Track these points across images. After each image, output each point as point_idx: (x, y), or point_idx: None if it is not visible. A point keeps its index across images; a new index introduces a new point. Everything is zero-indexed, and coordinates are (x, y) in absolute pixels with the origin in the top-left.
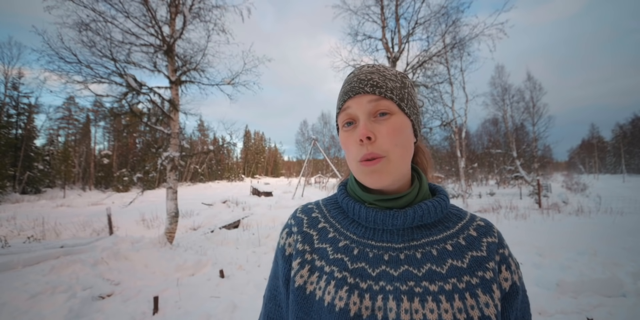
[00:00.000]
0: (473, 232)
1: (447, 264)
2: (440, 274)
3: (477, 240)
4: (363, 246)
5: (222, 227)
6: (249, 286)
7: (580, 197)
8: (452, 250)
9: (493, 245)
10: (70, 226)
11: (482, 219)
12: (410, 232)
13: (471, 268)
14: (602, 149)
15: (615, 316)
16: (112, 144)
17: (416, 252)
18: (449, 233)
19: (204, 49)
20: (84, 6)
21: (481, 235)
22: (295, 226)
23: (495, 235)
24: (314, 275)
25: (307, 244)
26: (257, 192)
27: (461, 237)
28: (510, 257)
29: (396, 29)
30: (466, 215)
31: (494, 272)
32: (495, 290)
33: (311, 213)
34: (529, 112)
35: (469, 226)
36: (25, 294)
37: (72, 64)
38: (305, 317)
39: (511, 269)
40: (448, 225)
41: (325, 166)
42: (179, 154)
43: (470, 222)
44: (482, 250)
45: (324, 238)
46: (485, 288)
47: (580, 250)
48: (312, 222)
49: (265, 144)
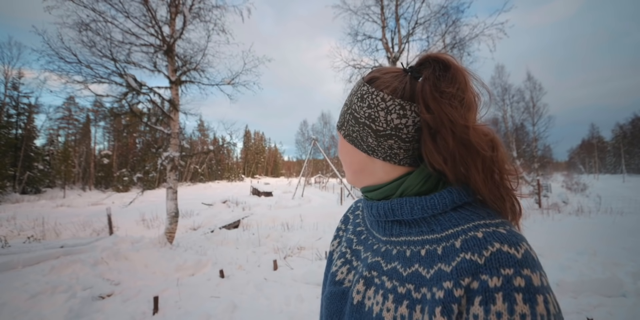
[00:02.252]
0: (458, 243)
1: (412, 268)
2: (401, 275)
3: (454, 252)
4: (369, 234)
5: (222, 227)
6: (249, 286)
7: (580, 197)
8: (424, 256)
9: (468, 264)
10: (70, 226)
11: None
12: (389, 227)
13: (432, 281)
14: (602, 149)
15: (615, 316)
16: (112, 144)
17: (394, 248)
18: (430, 237)
19: (204, 49)
20: (84, 6)
21: (463, 248)
22: (347, 211)
23: (483, 254)
24: (339, 247)
25: (344, 224)
26: (257, 192)
27: (441, 246)
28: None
29: (396, 29)
30: (469, 223)
31: (447, 294)
32: (439, 315)
33: (358, 202)
34: (529, 112)
35: (460, 235)
36: (25, 294)
37: (72, 64)
38: (327, 273)
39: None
40: (434, 229)
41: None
42: (179, 154)
43: (465, 231)
44: (450, 265)
45: (354, 222)
46: (430, 307)
47: (580, 250)
48: (354, 209)
49: (265, 144)
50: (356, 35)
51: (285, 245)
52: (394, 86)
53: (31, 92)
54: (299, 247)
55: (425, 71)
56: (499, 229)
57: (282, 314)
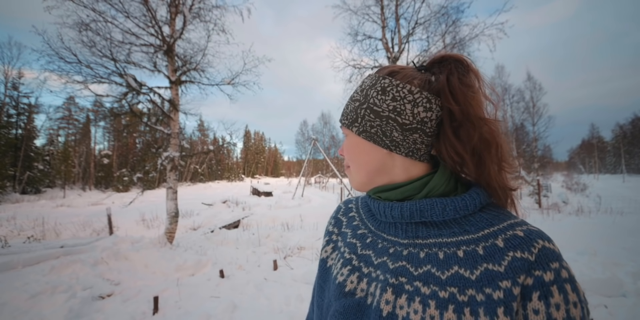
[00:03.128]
0: (500, 242)
1: (451, 270)
2: (439, 278)
3: (500, 252)
4: (376, 237)
5: (222, 227)
6: (249, 286)
7: (580, 197)
8: (463, 257)
9: (520, 262)
10: (70, 226)
11: (529, 231)
12: (413, 228)
13: (480, 282)
14: (602, 149)
15: (615, 316)
16: (112, 144)
17: (421, 251)
18: (466, 238)
19: (204, 49)
20: (84, 6)
21: (509, 247)
22: (335, 212)
23: (532, 251)
24: (335, 253)
25: (336, 227)
26: (257, 192)
27: (481, 246)
28: (557, 286)
29: (396, 29)
30: (502, 223)
31: (506, 293)
32: (502, 315)
33: (349, 204)
34: (529, 112)
35: (499, 235)
36: (25, 294)
37: (72, 64)
38: (323, 284)
39: (550, 300)
40: (468, 229)
41: (325, 166)
42: (179, 154)
43: (503, 230)
44: (501, 265)
45: (349, 224)
46: (488, 308)
47: (580, 250)
48: (346, 211)
49: (265, 144)
50: (356, 35)
51: (285, 245)
52: (420, 79)
53: (31, 92)
54: (299, 247)
55: (448, 67)
56: (530, 227)
57: (282, 314)
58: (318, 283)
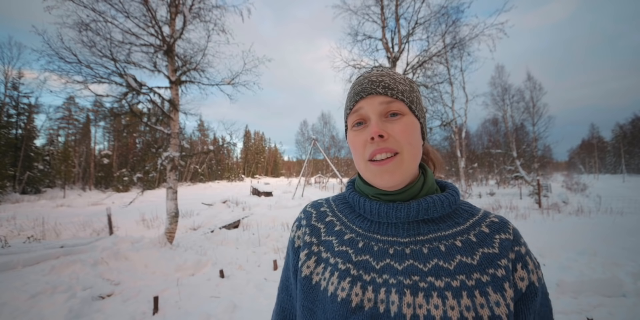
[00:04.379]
0: (485, 228)
1: (455, 260)
2: (448, 270)
3: (489, 236)
4: (368, 239)
5: (222, 227)
6: (249, 286)
7: (580, 197)
8: (461, 246)
9: (507, 242)
10: (70, 226)
11: (497, 216)
12: (415, 226)
13: (481, 265)
14: (602, 149)
15: (615, 316)
16: (112, 144)
17: (423, 247)
18: (459, 229)
19: (204, 49)
20: (84, 6)
21: (494, 231)
22: (304, 219)
23: (510, 232)
24: (320, 267)
25: (314, 236)
26: (257, 192)
27: (472, 234)
28: (528, 256)
29: (396, 29)
30: (479, 212)
31: (506, 270)
32: (508, 289)
33: (320, 207)
34: (529, 112)
35: (481, 222)
36: (25, 294)
37: (72, 64)
38: (311, 306)
39: (528, 268)
40: (458, 221)
41: (325, 166)
42: (179, 154)
43: (483, 218)
44: (494, 247)
45: (330, 231)
46: (496, 286)
47: (580, 250)
48: (320, 216)
49: (265, 144)
50: (356, 35)
51: (285, 245)
52: None
53: (31, 92)
54: None
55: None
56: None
57: None
58: (304, 306)
